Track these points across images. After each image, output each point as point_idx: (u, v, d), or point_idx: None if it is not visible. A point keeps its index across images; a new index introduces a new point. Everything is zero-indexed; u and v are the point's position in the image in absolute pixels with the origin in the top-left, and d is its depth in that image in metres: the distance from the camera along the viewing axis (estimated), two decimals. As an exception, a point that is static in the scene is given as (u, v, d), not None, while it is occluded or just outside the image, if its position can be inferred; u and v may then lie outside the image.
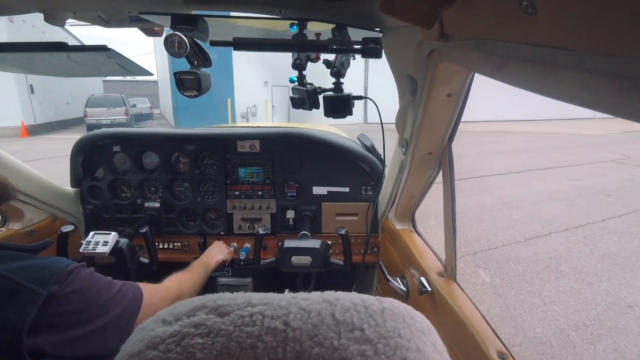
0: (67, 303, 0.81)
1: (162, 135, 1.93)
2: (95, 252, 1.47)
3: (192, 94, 1.12)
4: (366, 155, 1.87)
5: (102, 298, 0.89)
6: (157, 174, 1.96)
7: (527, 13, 0.45)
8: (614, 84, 0.37)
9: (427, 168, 1.34)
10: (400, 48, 1.08)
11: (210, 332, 0.40)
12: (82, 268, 0.88)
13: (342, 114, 1.32)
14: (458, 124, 1.14)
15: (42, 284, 0.77)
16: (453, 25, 0.72)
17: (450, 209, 1.22)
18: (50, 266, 0.82)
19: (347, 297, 0.44)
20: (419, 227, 1.69)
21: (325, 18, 1.03)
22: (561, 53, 0.44)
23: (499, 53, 0.57)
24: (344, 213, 1.95)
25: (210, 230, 2.01)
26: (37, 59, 1.17)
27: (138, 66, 1.21)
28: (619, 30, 0.35)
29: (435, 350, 0.41)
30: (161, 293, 1.15)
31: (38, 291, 0.76)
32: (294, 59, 1.29)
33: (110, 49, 1.03)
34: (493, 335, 1.00)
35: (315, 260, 1.59)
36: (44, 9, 0.98)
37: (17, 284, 0.75)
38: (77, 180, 1.94)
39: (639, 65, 0.34)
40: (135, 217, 1.97)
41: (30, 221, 1.73)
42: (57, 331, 0.78)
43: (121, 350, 0.40)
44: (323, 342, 0.38)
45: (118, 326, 0.91)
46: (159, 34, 1.31)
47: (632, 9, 0.32)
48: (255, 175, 1.96)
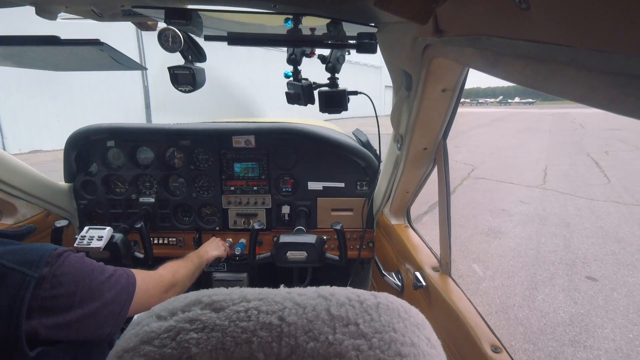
0: (59, 285, 0.79)
1: (157, 131, 1.91)
2: (89, 247, 1.46)
3: (187, 89, 1.11)
4: (361, 150, 1.87)
5: (94, 281, 0.87)
6: (152, 169, 1.95)
7: (520, 9, 0.45)
8: (607, 80, 0.38)
9: (422, 163, 1.35)
10: (395, 43, 1.08)
11: (205, 327, 0.40)
12: (71, 252, 0.86)
13: (337, 109, 1.32)
14: (453, 119, 1.14)
15: (32, 266, 0.75)
16: (448, 21, 0.72)
17: (445, 204, 1.22)
18: (39, 249, 0.80)
19: (342, 292, 0.45)
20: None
21: (320, 13, 1.03)
22: (555, 49, 0.44)
23: (493, 49, 0.57)
24: (340, 208, 1.96)
25: (206, 225, 2.00)
26: (29, 53, 1.15)
27: (132, 60, 1.20)
28: (612, 26, 0.35)
29: (429, 344, 0.41)
30: (154, 280, 1.14)
31: (28, 273, 0.74)
32: (288, 54, 1.28)
33: (103, 43, 1.01)
34: (487, 329, 1.01)
35: (311, 256, 1.59)
36: (36, 2, 0.96)
37: (5, 267, 0.73)
38: (71, 175, 1.93)
39: (631, 62, 0.34)
40: (129, 213, 1.97)
41: (24, 216, 1.72)
42: (49, 314, 0.76)
43: (115, 345, 0.40)
44: (318, 336, 0.39)
45: (112, 311, 0.90)
46: (152, 28, 1.30)
47: (625, 6, 0.33)
48: (250, 171, 1.95)
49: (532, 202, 6.33)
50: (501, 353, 0.94)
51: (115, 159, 1.97)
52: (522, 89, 10.00)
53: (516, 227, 5.27)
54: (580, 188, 7.16)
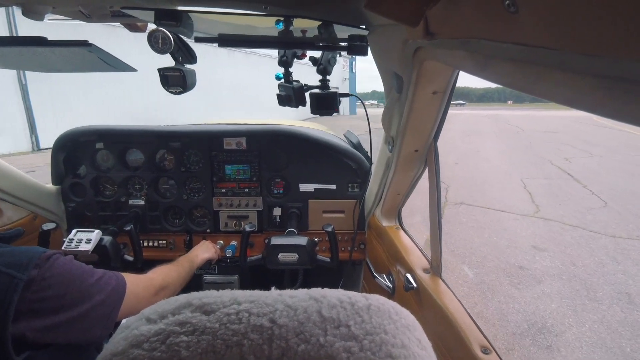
0: (47, 288, 0.78)
1: (147, 132, 1.90)
2: (78, 250, 1.45)
3: (177, 90, 1.10)
4: (353, 152, 1.87)
5: (84, 284, 0.87)
6: (142, 171, 1.93)
7: (509, 12, 0.46)
8: (594, 83, 0.38)
9: (413, 165, 1.35)
10: (386, 46, 1.08)
11: (196, 330, 0.39)
12: (60, 255, 0.85)
13: (328, 111, 1.32)
14: (443, 121, 1.15)
15: (20, 269, 0.75)
16: (438, 24, 0.73)
17: (436, 206, 1.23)
18: (27, 252, 0.79)
19: (334, 294, 0.45)
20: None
21: (311, 15, 1.03)
22: (543, 52, 0.45)
23: (483, 51, 0.58)
24: (331, 210, 1.96)
25: (196, 227, 1.99)
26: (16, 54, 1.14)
27: (121, 61, 1.19)
28: (599, 30, 0.35)
29: (420, 345, 0.41)
30: (144, 283, 1.13)
31: (17, 276, 0.73)
32: (280, 55, 1.28)
33: (91, 44, 1.00)
34: (477, 331, 1.02)
35: (302, 257, 1.59)
36: (23, 3, 0.95)
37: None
38: (59, 177, 1.90)
39: (618, 65, 0.35)
40: (119, 215, 1.94)
41: (10, 219, 1.69)
42: (37, 317, 0.76)
43: (104, 349, 0.40)
44: (309, 339, 0.39)
45: (101, 314, 0.89)
46: (142, 29, 1.29)
47: (612, 10, 0.33)
48: (241, 173, 1.94)
49: (548, 248, 4.73)
50: (490, 354, 0.94)
51: (104, 161, 1.95)
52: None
53: (560, 307, 3.44)
54: (584, 216, 5.86)
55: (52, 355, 0.82)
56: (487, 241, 4.99)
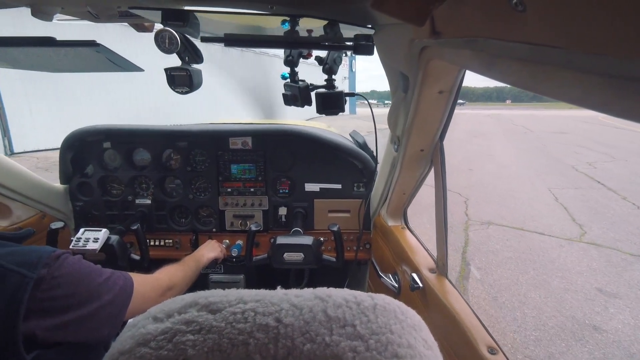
0: (57, 287, 0.79)
1: (154, 132, 1.91)
2: (85, 249, 1.46)
3: (184, 90, 1.11)
4: (358, 151, 1.87)
5: (92, 283, 0.88)
6: (148, 170, 1.94)
7: (517, 11, 0.45)
8: (602, 82, 0.38)
9: (419, 165, 1.35)
10: (392, 45, 1.08)
11: (202, 329, 0.39)
12: (69, 254, 0.86)
13: (334, 111, 1.32)
14: (449, 121, 1.15)
15: (31, 267, 0.76)
16: (444, 23, 0.72)
17: (442, 206, 1.23)
18: (37, 251, 0.81)
19: (339, 294, 0.45)
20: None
21: (317, 14, 1.03)
22: (551, 51, 0.44)
23: (490, 51, 0.58)
24: (336, 210, 1.95)
25: (202, 227, 2.00)
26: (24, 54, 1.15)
27: (128, 62, 1.20)
28: (607, 29, 0.35)
29: (426, 345, 0.41)
30: (151, 283, 1.14)
31: (27, 275, 0.74)
32: (285, 55, 1.28)
33: (99, 44, 1.01)
34: (483, 331, 1.01)
35: (308, 257, 1.59)
36: (32, 4, 0.96)
37: (4, 269, 0.73)
38: (67, 176, 1.92)
39: (626, 64, 0.35)
40: (125, 214, 1.96)
41: (19, 218, 1.71)
42: (47, 316, 0.77)
43: (111, 348, 0.40)
44: (315, 338, 0.39)
45: (110, 313, 0.90)
46: (149, 29, 1.30)
47: (620, 9, 0.33)
48: (247, 172, 1.95)
49: (619, 292, 3.54)
50: (497, 354, 0.94)
51: (111, 161, 1.96)
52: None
53: None
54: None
55: (61, 354, 0.82)
56: (535, 281, 3.77)
